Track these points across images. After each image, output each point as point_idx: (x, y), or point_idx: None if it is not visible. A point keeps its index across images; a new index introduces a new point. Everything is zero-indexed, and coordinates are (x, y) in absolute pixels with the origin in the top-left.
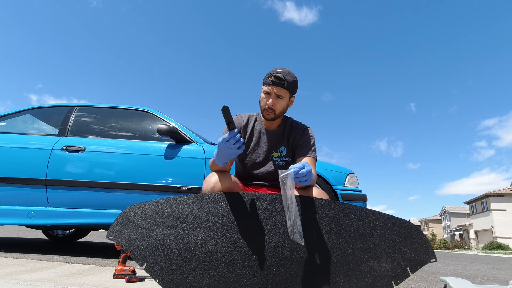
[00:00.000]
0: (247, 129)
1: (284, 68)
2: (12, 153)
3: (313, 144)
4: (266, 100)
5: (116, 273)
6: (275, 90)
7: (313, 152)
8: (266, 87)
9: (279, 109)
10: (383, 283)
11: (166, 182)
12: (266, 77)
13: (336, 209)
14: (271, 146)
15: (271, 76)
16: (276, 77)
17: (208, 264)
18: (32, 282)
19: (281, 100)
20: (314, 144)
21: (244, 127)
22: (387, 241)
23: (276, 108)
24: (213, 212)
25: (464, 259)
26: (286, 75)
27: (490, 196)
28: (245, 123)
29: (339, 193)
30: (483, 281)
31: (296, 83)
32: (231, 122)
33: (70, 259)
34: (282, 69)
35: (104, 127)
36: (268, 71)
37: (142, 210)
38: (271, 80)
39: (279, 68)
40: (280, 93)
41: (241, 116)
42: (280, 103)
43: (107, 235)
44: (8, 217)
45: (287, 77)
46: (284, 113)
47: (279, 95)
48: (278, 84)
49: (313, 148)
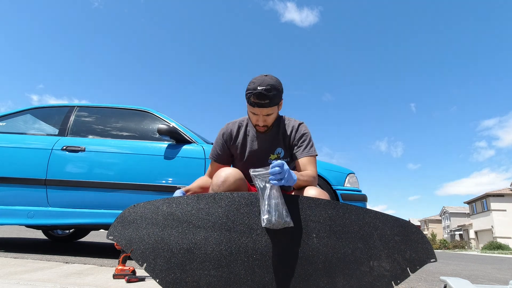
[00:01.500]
0: (238, 138)
1: (263, 79)
2: (12, 153)
3: (310, 140)
4: (255, 118)
5: (116, 273)
6: (262, 112)
7: (311, 149)
8: (251, 108)
9: (271, 122)
10: (383, 283)
11: (166, 182)
12: (247, 95)
13: (336, 209)
14: (267, 149)
15: (253, 97)
16: (259, 98)
17: (208, 264)
18: (32, 282)
19: (271, 116)
20: (311, 139)
21: (235, 138)
22: (387, 241)
23: (269, 123)
24: (213, 212)
25: (464, 259)
26: (268, 92)
27: (490, 196)
28: (236, 133)
29: (339, 193)
30: (483, 281)
31: (279, 92)
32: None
33: (70, 259)
34: (262, 83)
35: (104, 127)
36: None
37: (142, 210)
38: (254, 102)
39: (258, 82)
40: (267, 112)
41: (230, 127)
42: (271, 117)
43: (107, 235)
44: (8, 217)
45: (269, 94)
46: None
47: (267, 114)
48: (262, 106)
49: (311, 145)
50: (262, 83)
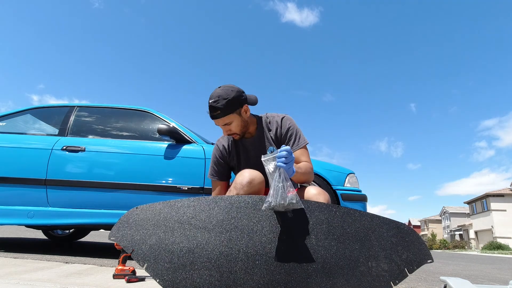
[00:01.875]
0: (231, 149)
1: (214, 92)
2: (12, 153)
3: (297, 131)
4: (223, 130)
5: (116, 273)
6: (219, 123)
7: (300, 141)
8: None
9: (238, 129)
10: (382, 283)
11: (166, 182)
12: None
13: (333, 212)
14: (259, 151)
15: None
16: (210, 111)
17: (208, 264)
18: (32, 282)
19: (232, 124)
20: (298, 130)
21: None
22: (383, 242)
23: (235, 131)
24: (214, 213)
25: (464, 259)
26: (215, 103)
27: (490, 196)
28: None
29: (339, 193)
30: (483, 281)
31: (232, 101)
32: None
33: (70, 259)
34: (211, 96)
35: (104, 127)
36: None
37: (144, 212)
38: (209, 115)
39: (211, 95)
40: (224, 122)
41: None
42: (233, 125)
43: (109, 236)
44: (8, 217)
45: (217, 105)
46: (247, 124)
47: (225, 124)
48: (215, 117)
49: (299, 136)
50: (212, 96)
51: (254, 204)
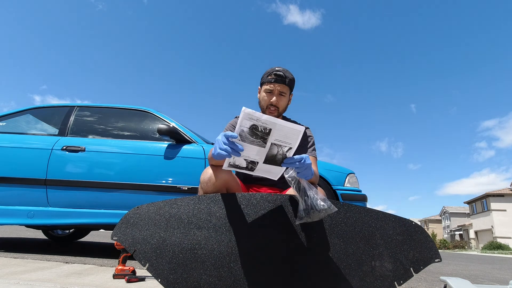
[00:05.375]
0: None
1: (281, 67)
2: (12, 153)
3: (313, 143)
4: (269, 98)
5: (116, 273)
6: (277, 88)
7: (313, 151)
8: (267, 85)
9: (282, 106)
10: (385, 284)
11: (166, 182)
12: (265, 76)
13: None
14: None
15: (272, 74)
16: (277, 75)
17: (209, 264)
18: (32, 282)
19: (284, 98)
20: (314, 143)
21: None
22: (389, 241)
23: (280, 105)
24: (214, 213)
25: (464, 259)
26: (286, 73)
27: (490, 196)
28: None
29: (339, 193)
30: (483, 281)
31: (294, 80)
32: None
33: (70, 259)
34: (280, 68)
35: (104, 127)
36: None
37: (145, 211)
38: (272, 78)
39: (277, 67)
40: (282, 90)
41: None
42: (283, 100)
43: (112, 235)
44: (8, 217)
45: (287, 74)
46: (284, 112)
47: (281, 92)
48: (280, 81)
49: (313, 148)
50: (281, 68)
51: (255, 202)
